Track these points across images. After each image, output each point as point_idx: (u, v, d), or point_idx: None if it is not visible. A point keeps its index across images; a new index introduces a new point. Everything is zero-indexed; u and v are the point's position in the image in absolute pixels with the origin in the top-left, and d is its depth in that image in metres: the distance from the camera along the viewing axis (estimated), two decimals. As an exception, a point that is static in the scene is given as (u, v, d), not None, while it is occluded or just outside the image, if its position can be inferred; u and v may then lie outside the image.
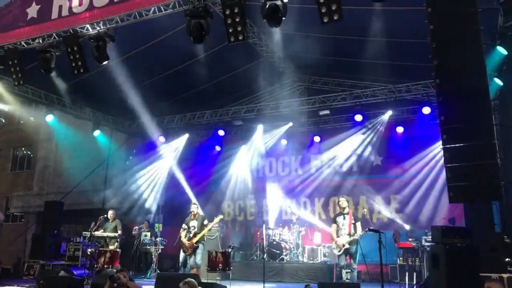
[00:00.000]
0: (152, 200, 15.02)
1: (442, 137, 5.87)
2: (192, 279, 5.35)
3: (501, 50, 8.26)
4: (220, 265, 8.71)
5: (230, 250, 9.25)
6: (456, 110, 5.81)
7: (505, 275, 6.81)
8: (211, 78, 12.62)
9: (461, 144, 5.69)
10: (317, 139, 13.96)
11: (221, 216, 9.61)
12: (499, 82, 9.22)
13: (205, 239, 9.74)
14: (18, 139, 21.93)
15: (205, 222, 9.35)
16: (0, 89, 10.92)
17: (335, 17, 7.01)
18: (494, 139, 5.60)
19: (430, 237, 8.43)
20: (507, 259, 7.53)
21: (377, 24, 9.00)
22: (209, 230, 9.45)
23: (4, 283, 10.05)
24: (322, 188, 13.94)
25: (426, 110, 11.60)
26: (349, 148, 13.66)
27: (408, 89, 11.92)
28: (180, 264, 9.86)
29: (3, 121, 23.06)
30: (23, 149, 23.10)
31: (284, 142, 14.39)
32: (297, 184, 14.39)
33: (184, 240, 9.44)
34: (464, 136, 5.71)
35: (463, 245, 6.42)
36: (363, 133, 13.37)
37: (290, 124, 13.78)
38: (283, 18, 7.39)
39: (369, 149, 13.44)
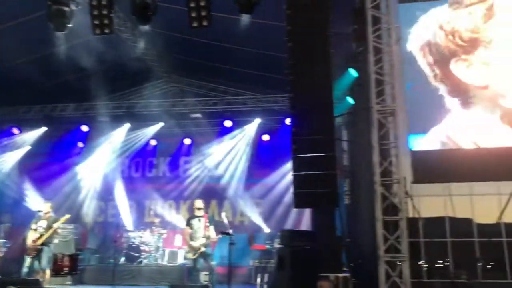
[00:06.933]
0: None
1: (292, 147, 6.32)
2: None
3: (353, 73, 9.19)
4: (65, 268, 8.19)
5: (78, 252, 8.70)
6: (305, 123, 6.33)
7: (340, 275, 7.50)
8: (78, 70, 11.77)
9: (308, 155, 6.19)
10: (187, 141, 13.97)
11: (67, 216, 8.94)
12: (351, 100, 10.22)
13: (54, 242, 8.95)
14: None
15: (55, 224, 8.63)
16: None
17: (204, 23, 7.16)
18: (334, 151, 6.20)
19: (281, 239, 8.92)
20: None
21: (247, 34, 9.33)
22: (55, 231, 8.65)
23: None
24: (189, 191, 13.95)
25: (288, 121, 12.36)
26: (218, 152, 13.89)
27: (276, 100, 12.59)
28: (24, 268, 8.96)
29: None
30: None
31: (153, 142, 14.07)
32: (163, 186, 14.21)
33: (29, 241, 8.62)
34: (310, 147, 6.22)
35: (306, 247, 6.96)
36: (232, 139, 13.72)
37: (162, 124, 13.56)
38: (153, 17, 7.30)
39: (237, 154, 13.82)
